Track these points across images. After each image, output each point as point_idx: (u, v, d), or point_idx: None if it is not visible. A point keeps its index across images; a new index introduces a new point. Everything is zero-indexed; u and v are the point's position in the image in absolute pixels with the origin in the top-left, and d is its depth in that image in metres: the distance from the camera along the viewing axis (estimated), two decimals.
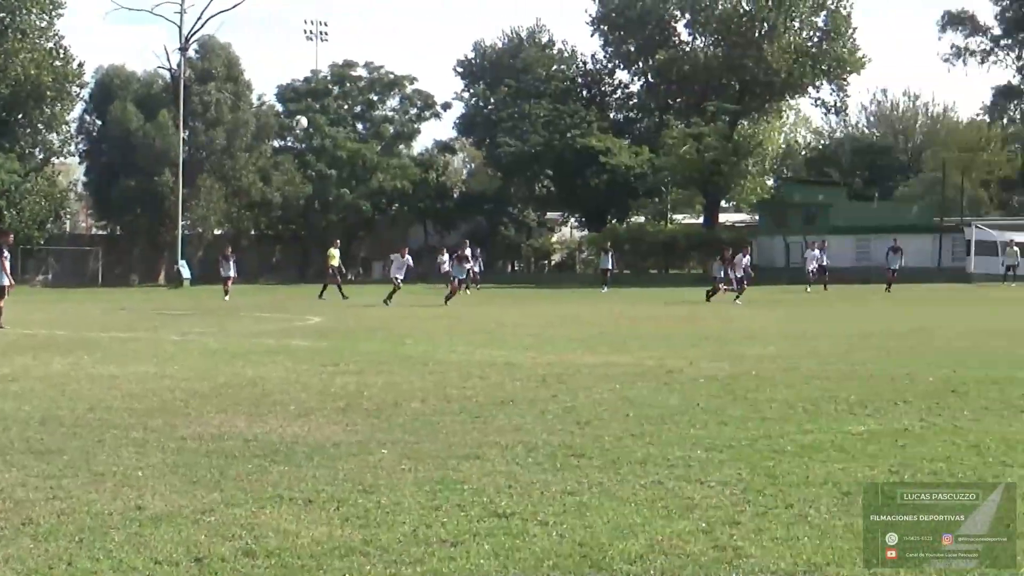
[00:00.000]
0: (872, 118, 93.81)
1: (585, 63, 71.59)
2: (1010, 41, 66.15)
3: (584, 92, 70.92)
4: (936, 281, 47.05)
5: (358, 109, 68.92)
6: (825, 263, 40.26)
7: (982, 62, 67.85)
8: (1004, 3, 65.16)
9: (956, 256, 53.87)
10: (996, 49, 67.04)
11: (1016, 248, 46.64)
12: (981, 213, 63.21)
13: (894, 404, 10.72)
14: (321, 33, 74.56)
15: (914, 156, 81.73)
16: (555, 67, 69.98)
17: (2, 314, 21.83)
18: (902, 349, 17.26)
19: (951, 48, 68.04)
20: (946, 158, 64.53)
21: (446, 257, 41.09)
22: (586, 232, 70.44)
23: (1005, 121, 72.15)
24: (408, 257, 33.92)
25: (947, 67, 74.79)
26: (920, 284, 43.55)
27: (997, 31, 66.58)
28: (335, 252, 37.26)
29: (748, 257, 36.58)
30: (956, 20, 66.93)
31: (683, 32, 65.59)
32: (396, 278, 32.69)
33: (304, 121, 64.94)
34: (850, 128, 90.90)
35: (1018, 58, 67.05)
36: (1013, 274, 45.28)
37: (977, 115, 74.96)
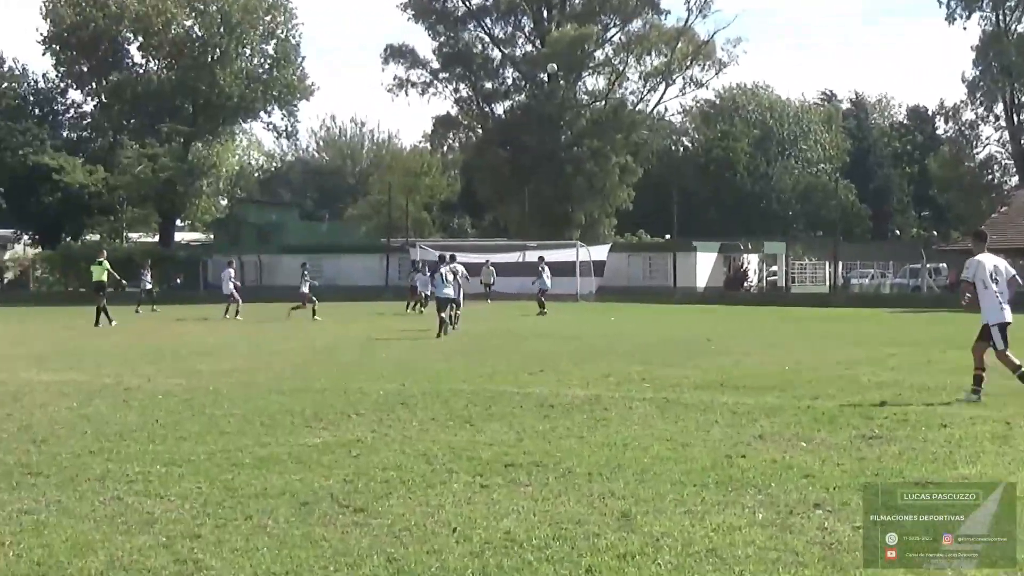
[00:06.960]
0: (321, 142, 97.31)
1: (36, 82, 69.19)
2: (447, 75, 69.35)
3: (36, 110, 68.23)
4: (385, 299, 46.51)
5: None
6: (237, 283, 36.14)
7: (422, 93, 70.82)
8: (441, 39, 68.71)
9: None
10: (435, 81, 70.11)
11: (492, 267, 47.32)
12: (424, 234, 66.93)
13: (347, 416, 10.97)
14: None
15: (362, 179, 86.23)
16: (5, 84, 66.96)
17: None
18: (350, 364, 17.40)
19: (394, 79, 70.51)
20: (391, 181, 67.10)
21: None
22: (40, 249, 66.83)
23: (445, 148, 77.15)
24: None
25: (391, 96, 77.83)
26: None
27: (435, 65, 69.51)
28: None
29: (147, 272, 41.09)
30: (398, 53, 68.99)
31: (136, 54, 66.36)
32: None
33: None
34: (301, 152, 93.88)
35: (455, 90, 70.56)
36: (489, 291, 45.33)
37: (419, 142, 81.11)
